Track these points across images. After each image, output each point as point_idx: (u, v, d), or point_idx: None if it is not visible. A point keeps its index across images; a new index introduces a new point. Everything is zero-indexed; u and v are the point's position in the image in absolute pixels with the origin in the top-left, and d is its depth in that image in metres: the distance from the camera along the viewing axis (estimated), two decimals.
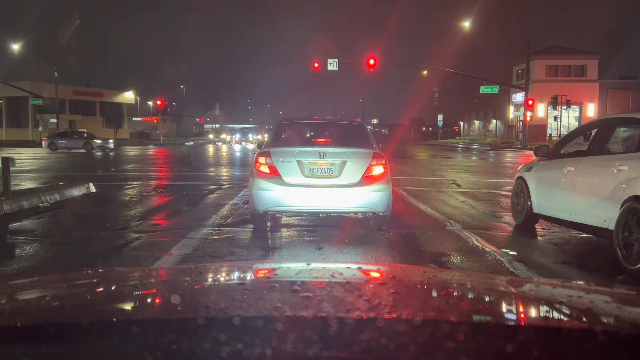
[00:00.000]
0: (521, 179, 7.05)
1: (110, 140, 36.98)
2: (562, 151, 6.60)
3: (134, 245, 5.73)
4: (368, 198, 5.97)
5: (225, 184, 12.55)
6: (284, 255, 5.41)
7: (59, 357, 0.80)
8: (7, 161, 6.76)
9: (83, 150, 33.63)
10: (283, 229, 6.73)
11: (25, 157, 24.16)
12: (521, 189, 6.98)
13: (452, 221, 7.17)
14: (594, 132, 6.33)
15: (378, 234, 6.28)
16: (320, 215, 6.52)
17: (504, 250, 5.55)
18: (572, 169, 5.89)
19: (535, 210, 6.61)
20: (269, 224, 6.70)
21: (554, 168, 6.34)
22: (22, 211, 5.85)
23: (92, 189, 9.96)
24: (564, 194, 5.99)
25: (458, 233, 6.38)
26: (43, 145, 35.76)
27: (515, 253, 5.43)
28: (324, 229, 6.66)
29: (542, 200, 6.48)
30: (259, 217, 6.27)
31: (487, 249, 5.53)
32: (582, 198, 5.64)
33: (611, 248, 4.97)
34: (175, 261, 4.96)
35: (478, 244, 5.75)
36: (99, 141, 35.20)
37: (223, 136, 65.96)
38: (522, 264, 4.92)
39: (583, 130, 7.79)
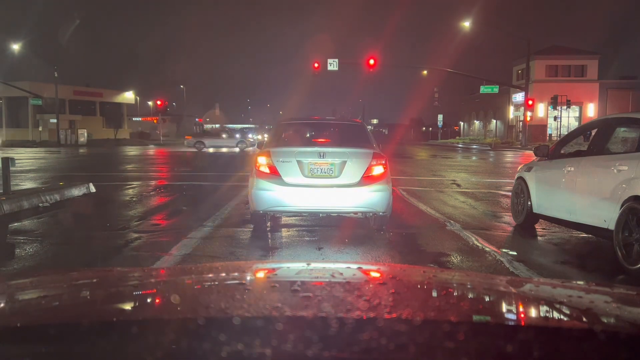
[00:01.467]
0: (521, 179, 7.05)
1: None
2: (562, 151, 6.59)
3: (134, 245, 5.73)
4: (368, 198, 5.97)
5: (225, 184, 12.55)
6: (284, 255, 5.41)
7: (59, 357, 0.80)
8: (7, 161, 6.73)
9: (237, 149, 33.93)
10: (283, 229, 6.73)
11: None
12: (521, 189, 6.98)
13: (452, 221, 7.17)
14: (594, 132, 6.33)
15: (378, 234, 6.27)
16: (320, 215, 6.52)
17: (504, 250, 5.55)
18: (572, 169, 5.89)
19: (535, 210, 6.60)
20: (269, 224, 6.70)
21: (554, 168, 6.33)
22: (22, 211, 5.83)
23: (92, 189, 9.92)
24: (564, 194, 5.98)
25: (458, 233, 6.38)
26: (185, 144, 35.74)
27: (515, 253, 5.43)
28: (324, 229, 6.66)
29: (542, 200, 6.47)
30: (259, 217, 6.26)
31: (487, 249, 5.53)
32: (582, 198, 5.64)
33: (611, 248, 4.97)
34: (175, 261, 4.96)
35: (478, 244, 5.75)
36: (252, 139, 36.91)
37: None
38: (522, 264, 4.91)
39: (583, 130, 7.79)
